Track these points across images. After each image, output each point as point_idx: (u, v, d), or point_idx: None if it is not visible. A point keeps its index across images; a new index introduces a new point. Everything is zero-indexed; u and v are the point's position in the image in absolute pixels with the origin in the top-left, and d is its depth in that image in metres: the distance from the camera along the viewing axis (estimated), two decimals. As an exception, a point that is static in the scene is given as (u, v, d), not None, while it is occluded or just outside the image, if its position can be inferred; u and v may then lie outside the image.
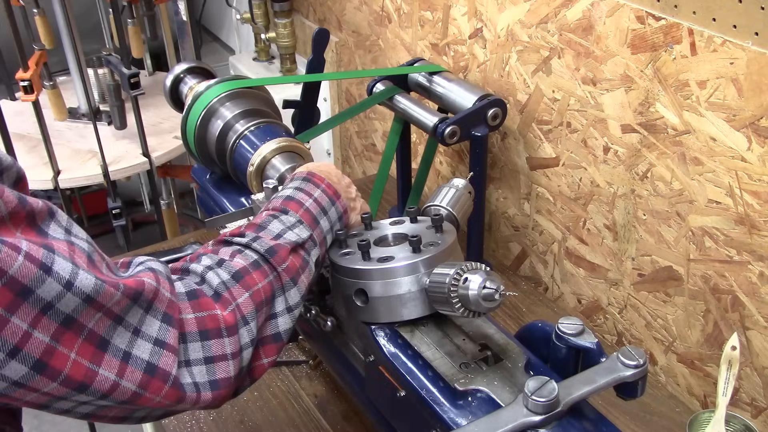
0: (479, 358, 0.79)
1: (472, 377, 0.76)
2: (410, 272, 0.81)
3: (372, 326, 0.85)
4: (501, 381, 0.76)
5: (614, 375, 0.71)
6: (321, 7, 2.06)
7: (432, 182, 1.75)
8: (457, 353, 0.80)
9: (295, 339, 1.31)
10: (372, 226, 0.93)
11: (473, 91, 1.35)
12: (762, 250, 1.04)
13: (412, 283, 0.81)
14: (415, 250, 0.83)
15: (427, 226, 0.89)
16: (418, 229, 0.90)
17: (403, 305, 0.82)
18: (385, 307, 0.83)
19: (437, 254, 0.82)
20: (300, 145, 1.21)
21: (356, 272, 0.84)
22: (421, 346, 0.81)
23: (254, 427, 1.16)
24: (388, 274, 0.81)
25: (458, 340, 0.82)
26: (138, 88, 2.00)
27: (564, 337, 0.77)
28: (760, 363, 1.09)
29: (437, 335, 0.83)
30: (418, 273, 0.81)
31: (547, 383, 0.69)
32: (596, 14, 1.18)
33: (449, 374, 0.77)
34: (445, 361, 0.79)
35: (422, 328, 0.84)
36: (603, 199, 1.28)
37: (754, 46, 0.96)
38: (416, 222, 0.92)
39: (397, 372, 0.81)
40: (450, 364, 0.79)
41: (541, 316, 1.39)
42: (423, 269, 0.81)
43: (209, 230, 1.36)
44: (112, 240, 2.75)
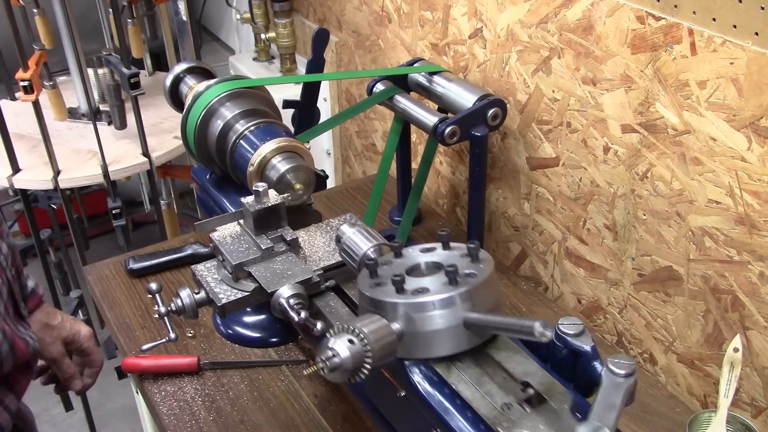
0: (522, 398, 0.74)
1: (515, 420, 0.71)
2: (447, 306, 0.76)
3: (406, 362, 0.80)
4: (547, 425, 0.71)
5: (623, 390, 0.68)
6: (321, 7, 2.06)
7: (432, 182, 1.75)
8: (498, 393, 0.75)
9: (295, 339, 1.31)
10: (401, 254, 0.88)
11: (473, 91, 1.35)
12: (762, 250, 1.04)
13: (450, 317, 0.76)
14: (451, 281, 0.78)
15: (462, 253, 0.85)
16: (451, 257, 0.85)
17: (440, 340, 0.77)
18: (420, 343, 0.78)
19: (476, 288, 0.78)
20: (300, 145, 1.21)
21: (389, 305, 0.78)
22: (459, 384, 0.77)
23: (254, 427, 1.16)
24: (423, 308, 0.77)
25: (498, 378, 0.77)
26: (138, 88, 2.00)
27: (563, 338, 0.77)
28: (760, 363, 1.09)
29: (475, 372, 0.78)
30: (455, 306, 0.77)
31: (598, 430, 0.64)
32: (596, 14, 1.18)
33: (491, 416, 0.73)
34: (485, 402, 0.74)
35: (459, 365, 0.79)
36: (603, 199, 1.28)
37: (754, 46, 0.96)
38: (449, 249, 0.87)
39: (434, 412, 0.77)
40: (491, 405, 0.74)
41: (541, 316, 1.39)
42: (460, 302, 0.77)
43: (199, 233, 1.37)
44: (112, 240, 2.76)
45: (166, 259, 1.49)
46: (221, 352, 1.30)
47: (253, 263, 1.02)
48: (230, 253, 1.02)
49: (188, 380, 1.24)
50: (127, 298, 1.44)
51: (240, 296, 0.99)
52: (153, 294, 0.99)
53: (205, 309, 1.02)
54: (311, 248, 1.07)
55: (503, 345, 0.81)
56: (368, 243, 0.94)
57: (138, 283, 1.47)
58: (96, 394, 2.60)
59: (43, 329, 1.13)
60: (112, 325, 1.38)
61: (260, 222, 1.05)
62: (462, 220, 1.68)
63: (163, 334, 1.01)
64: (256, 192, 1.05)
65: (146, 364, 1.25)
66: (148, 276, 1.48)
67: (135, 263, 1.48)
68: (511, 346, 0.80)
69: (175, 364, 1.25)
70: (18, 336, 0.91)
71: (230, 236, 1.07)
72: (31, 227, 2.21)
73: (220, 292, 1.00)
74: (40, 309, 1.14)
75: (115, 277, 1.49)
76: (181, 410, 1.19)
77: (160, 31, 2.48)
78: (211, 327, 1.35)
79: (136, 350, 1.29)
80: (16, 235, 2.99)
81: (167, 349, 1.29)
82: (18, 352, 0.89)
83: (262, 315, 1.32)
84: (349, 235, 0.96)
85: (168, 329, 1.01)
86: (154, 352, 1.18)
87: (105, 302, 1.43)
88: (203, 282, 1.02)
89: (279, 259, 1.03)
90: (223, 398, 1.21)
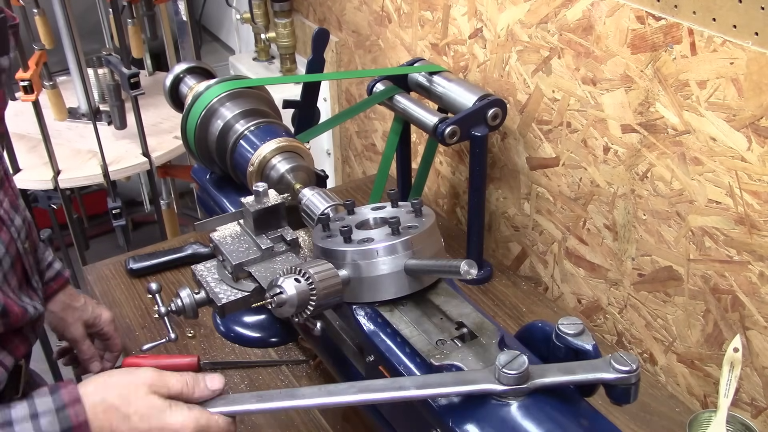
0: (455, 335, 0.82)
1: (447, 353, 0.79)
2: (389, 253, 0.84)
3: (353, 306, 0.88)
4: (475, 356, 0.78)
5: (594, 374, 0.72)
6: (321, 7, 2.06)
7: (432, 182, 1.75)
8: (434, 331, 0.83)
9: (295, 339, 1.31)
10: (354, 212, 0.97)
11: (473, 91, 1.35)
12: (762, 250, 1.04)
13: (392, 264, 0.84)
14: (394, 232, 0.86)
15: (408, 210, 0.93)
16: (397, 212, 0.94)
17: (383, 285, 0.85)
18: (366, 287, 0.86)
19: (416, 236, 0.86)
20: (300, 144, 1.21)
21: (337, 253, 0.86)
22: (399, 324, 0.84)
23: (254, 427, 1.16)
24: (368, 255, 0.84)
25: (436, 319, 0.85)
26: (138, 88, 2.00)
27: (563, 338, 0.77)
28: (760, 363, 1.09)
29: (416, 314, 0.86)
30: (398, 254, 0.84)
31: (517, 357, 0.71)
32: (596, 14, 1.18)
33: (425, 350, 0.80)
34: (422, 338, 0.82)
35: (401, 308, 0.87)
36: (603, 199, 1.28)
37: (754, 46, 0.96)
38: (397, 207, 0.96)
39: (377, 349, 0.85)
40: (427, 341, 0.82)
41: (541, 316, 1.39)
42: (402, 251, 0.84)
43: (199, 233, 1.37)
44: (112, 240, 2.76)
45: (166, 259, 1.49)
46: (221, 352, 1.30)
47: (253, 263, 1.02)
48: (230, 253, 1.02)
49: (188, 380, 1.24)
50: (127, 298, 1.44)
51: (240, 296, 0.99)
52: (153, 294, 0.99)
53: (205, 309, 1.02)
54: (311, 248, 1.07)
55: (443, 291, 0.89)
56: (325, 203, 1.05)
57: (138, 283, 1.47)
58: (96, 394, 2.60)
59: (65, 310, 1.18)
60: (112, 325, 1.38)
61: (260, 222, 1.05)
62: (462, 220, 1.68)
63: (163, 334, 1.01)
64: (256, 192, 1.05)
65: (146, 364, 1.24)
66: (148, 276, 1.48)
67: (135, 263, 1.48)
68: (450, 291, 0.89)
69: (175, 364, 1.25)
70: (15, 302, 0.93)
71: (230, 236, 1.07)
72: (31, 227, 2.21)
73: (220, 292, 1.00)
74: (63, 291, 1.18)
75: (115, 277, 1.49)
76: (181, 410, 1.18)
77: (160, 31, 2.48)
78: (211, 327, 1.35)
79: (136, 350, 1.29)
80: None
81: (167, 349, 1.29)
82: (12, 316, 0.91)
83: (262, 315, 1.32)
84: (308, 197, 1.07)
85: (168, 329, 1.01)
86: (154, 352, 1.18)
87: (105, 302, 1.43)
88: (203, 282, 1.02)
89: (279, 259, 1.03)
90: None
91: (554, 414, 0.71)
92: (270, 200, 1.06)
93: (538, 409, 0.71)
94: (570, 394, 0.75)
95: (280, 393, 0.79)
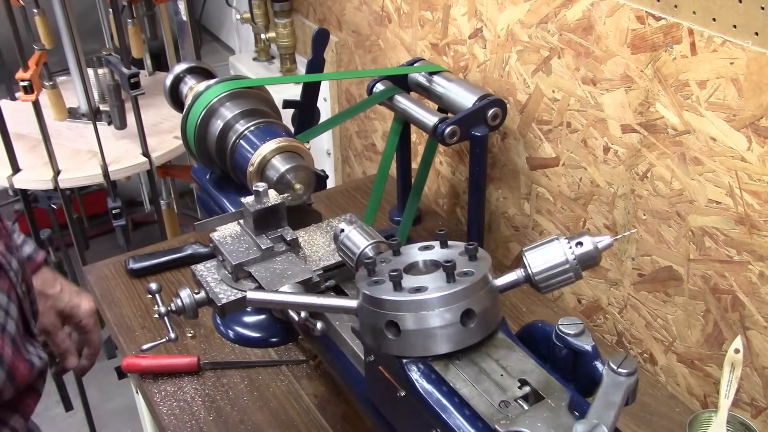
0: (519, 396, 0.74)
1: (513, 417, 0.71)
2: (446, 304, 0.76)
3: (404, 360, 0.80)
4: (544, 422, 0.70)
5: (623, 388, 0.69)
6: (321, 7, 2.06)
7: (432, 182, 1.75)
8: (496, 390, 0.75)
9: (295, 339, 1.31)
10: (400, 252, 0.88)
11: (473, 91, 1.35)
12: (762, 250, 1.04)
13: (448, 315, 0.76)
14: (449, 278, 0.77)
15: (460, 252, 0.84)
16: (450, 255, 0.84)
17: (438, 338, 0.77)
18: (418, 341, 0.78)
19: (473, 284, 0.77)
20: (300, 145, 1.21)
21: (387, 303, 0.78)
22: (456, 382, 0.76)
23: (254, 427, 1.16)
24: (421, 306, 0.76)
25: (496, 376, 0.77)
26: (138, 88, 2.00)
27: (563, 338, 0.77)
28: (760, 363, 1.09)
29: (473, 370, 0.78)
30: (454, 304, 0.76)
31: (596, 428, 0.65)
32: (596, 14, 1.18)
33: (488, 414, 0.72)
34: (483, 400, 0.74)
35: (457, 363, 0.79)
36: (603, 199, 1.28)
37: (754, 46, 0.96)
38: (447, 247, 0.87)
39: (432, 410, 0.77)
40: (488, 403, 0.74)
41: (541, 316, 1.39)
42: (458, 300, 0.76)
43: (199, 233, 1.37)
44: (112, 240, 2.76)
45: (166, 259, 1.49)
46: (221, 352, 1.30)
47: (253, 263, 1.02)
48: (230, 253, 1.02)
49: (188, 380, 1.24)
50: (127, 298, 1.44)
51: (240, 296, 0.99)
52: (153, 294, 0.99)
53: (205, 309, 1.02)
54: (311, 248, 1.07)
55: (501, 343, 0.81)
56: (366, 241, 0.94)
57: (138, 283, 1.47)
58: (96, 394, 2.60)
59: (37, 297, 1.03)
60: (112, 325, 1.38)
61: (260, 222, 1.05)
62: (462, 220, 1.68)
63: (163, 334, 1.01)
64: (256, 192, 1.05)
65: (146, 364, 1.25)
66: (148, 276, 1.48)
67: (135, 263, 1.48)
68: (508, 344, 0.81)
69: (175, 364, 1.25)
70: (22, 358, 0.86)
71: (230, 236, 1.07)
72: (31, 227, 2.21)
73: (220, 292, 1.00)
74: (36, 274, 1.06)
75: (115, 277, 1.49)
76: (181, 410, 1.19)
77: (160, 31, 2.48)
78: (211, 327, 1.35)
79: (136, 350, 1.29)
80: (16, 235, 2.99)
81: (167, 349, 1.29)
82: (18, 377, 0.84)
83: (262, 315, 1.31)
84: (347, 233, 0.96)
85: (168, 329, 1.01)
86: (154, 352, 1.18)
87: (105, 302, 1.43)
88: (203, 282, 1.02)
89: (279, 259, 1.03)
90: (223, 398, 1.21)
91: None
92: (270, 200, 1.06)
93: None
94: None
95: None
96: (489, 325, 0.80)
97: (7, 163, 2.03)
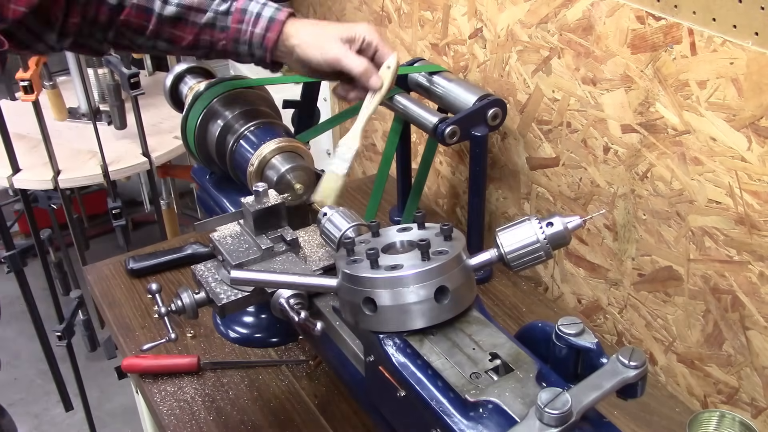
0: (490, 368, 0.78)
1: (482, 388, 0.74)
2: (420, 281, 0.79)
3: (380, 335, 0.83)
4: (512, 392, 0.73)
5: (619, 377, 0.70)
6: (321, 7, 2.06)
7: (432, 182, 1.75)
8: (467, 363, 0.79)
9: (295, 339, 1.31)
10: (379, 234, 0.91)
11: (473, 91, 1.35)
12: (762, 250, 1.04)
13: (423, 291, 0.79)
14: (424, 257, 0.80)
15: (436, 233, 0.87)
16: (426, 235, 0.88)
17: (413, 314, 0.80)
18: (394, 316, 0.81)
19: (447, 262, 0.80)
20: (300, 145, 1.21)
21: (364, 280, 0.81)
22: (430, 355, 0.80)
23: (254, 427, 1.16)
24: (397, 283, 0.80)
25: (468, 350, 0.80)
26: (138, 88, 2.00)
27: (564, 337, 0.77)
28: (760, 363, 1.09)
29: (447, 344, 0.81)
30: (428, 281, 0.79)
31: (560, 395, 0.67)
32: (596, 14, 1.18)
33: (460, 385, 0.76)
34: (455, 372, 0.77)
35: (431, 337, 0.82)
36: (603, 199, 1.28)
37: (754, 46, 0.96)
38: (424, 228, 0.90)
39: (407, 382, 0.80)
40: (460, 375, 0.77)
41: (541, 316, 1.39)
42: (432, 277, 0.79)
43: (199, 233, 1.37)
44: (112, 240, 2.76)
45: (166, 259, 1.49)
46: (221, 352, 1.30)
47: (253, 263, 1.02)
48: (230, 253, 1.02)
49: (188, 380, 1.24)
50: (127, 298, 1.44)
51: (240, 296, 0.99)
52: (153, 294, 0.99)
53: (205, 309, 1.02)
54: (311, 248, 1.07)
55: (474, 320, 0.84)
56: (347, 223, 0.98)
57: (138, 283, 1.47)
58: (96, 394, 2.60)
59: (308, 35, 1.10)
60: (112, 325, 1.38)
61: (260, 222, 1.05)
62: (462, 220, 1.68)
63: (163, 334, 1.01)
64: (256, 192, 1.05)
65: (146, 364, 1.25)
66: (148, 276, 1.48)
67: (135, 263, 1.48)
68: (481, 320, 0.84)
69: (175, 364, 1.25)
70: None
71: (230, 236, 1.07)
72: (31, 227, 2.21)
73: (220, 292, 1.00)
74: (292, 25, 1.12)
75: (115, 277, 1.49)
76: (181, 410, 1.19)
77: (160, 31, 2.48)
78: (211, 327, 1.35)
79: (136, 350, 1.29)
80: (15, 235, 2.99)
81: (167, 349, 1.29)
82: None
83: (262, 315, 1.32)
84: (329, 216, 1.00)
85: (168, 329, 1.01)
86: (154, 352, 1.18)
87: (105, 302, 1.43)
88: (203, 282, 1.01)
89: (279, 259, 1.03)
90: (223, 398, 1.21)
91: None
92: (270, 200, 1.06)
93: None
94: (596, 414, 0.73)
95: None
96: (463, 302, 0.83)
97: (7, 163, 2.03)
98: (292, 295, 0.96)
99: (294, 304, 0.95)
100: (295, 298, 0.95)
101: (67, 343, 2.25)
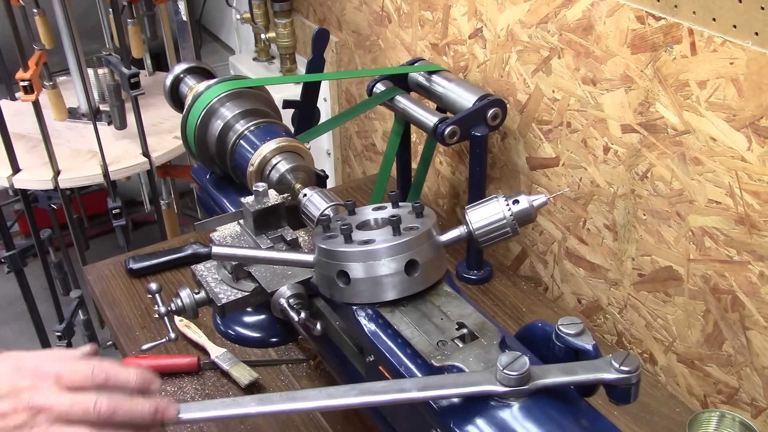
0: (456, 336, 0.82)
1: (448, 354, 0.79)
2: (391, 254, 0.84)
3: (353, 307, 0.88)
4: (476, 358, 0.78)
5: (597, 374, 0.72)
6: (321, 7, 2.06)
7: (432, 182, 1.75)
8: (435, 332, 0.83)
9: (295, 339, 1.31)
10: (355, 212, 0.97)
11: (473, 91, 1.35)
12: (762, 250, 1.04)
13: (393, 265, 0.84)
14: (395, 232, 0.86)
15: (408, 211, 0.93)
16: (399, 213, 0.93)
17: (384, 286, 0.85)
18: (366, 288, 0.86)
19: (417, 237, 0.85)
20: (300, 144, 1.21)
21: (338, 254, 0.86)
22: (400, 325, 0.84)
23: (254, 427, 1.16)
24: (369, 256, 0.84)
25: (436, 320, 0.85)
26: (138, 88, 2.00)
27: (563, 338, 0.77)
28: (760, 363, 1.09)
29: (416, 315, 0.86)
30: (399, 255, 0.84)
31: (518, 358, 0.71)
32: (596, 14, 1.18)
33: (427, 351, 0.80)
34: (422, 339, 0.82)
35: (402, 309, 0.87)
36: (603, 199, 1.28)
37: (754, 46, 0.96)
38: (398, 207, 0.96)
39: (377, 350, 0.85)
40: (428, 342, 0.82)
41: (541, 316, 1.39)
42: (404, 251, 0.84)
43: (199, 233, 1.37)
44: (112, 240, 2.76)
45: (166, 259, 1.49)
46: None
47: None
48: (230, 253, 1.02)
49: (188, 380, 1.24)
50: (127, 298, 1.44)
51: (240, 296, 0.99)
52: (153, 294, 0.99)
53: (205, 309, 1.02)
54: (311, 248, 1.07)
55: (444, 293, 0.88)
56: (326, 203, 1.04)
57: (138, 283, 1.47)
58: (96, 394, 2.59)
59: None
60: (112, 325, 1.38)
61: (260, 222, 1.05)
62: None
63: (163, 334, 1.01)
64: (256, 192, 1.05)
65: (146, 364, 1.25)
66: (148, 276, 1.48)
67: (135, 263, 1.48)
68: (451, 293, 0.88)
69: (175, 364, 1.25)
70: None
71: (230, 236, 1.06)
72: (31, 227, 2.21)
73: (220, 292, 1.00)
74: None
75: (115, 277, 1.49)
76: (181, 410, 1.18)
77: (160, 31, 2.48)
78: (211, 327, 1.34)
79: (136, 350, 1.29)
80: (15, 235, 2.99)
81: (167, 349, 1.29)
82: None
83: (262, 315, 1.31)
84: (309, 197, 1.07)
85: (168, 329, 1.00)
86: (154, 352, 1.18)
87: (105, 302, 1.43)
88: (203, 282, 1.01)
89: (279, 259, 1.03)
90: (223, 398, 1.20)
91: (555, 415, 0.71)
92: (270, 200, 1.06)
93: (539, 410, 0.71)
94: (571, 394, 0.75)
95: (281, 396, 0.80)
96: (432, 276, 0.87)
97: (7, 163, 2.03)
98: (292, 294, 0.96)
99: (294, 303, 0.95)
100: (294, 298, 0.95)
101: (67, 343, 2.25)
